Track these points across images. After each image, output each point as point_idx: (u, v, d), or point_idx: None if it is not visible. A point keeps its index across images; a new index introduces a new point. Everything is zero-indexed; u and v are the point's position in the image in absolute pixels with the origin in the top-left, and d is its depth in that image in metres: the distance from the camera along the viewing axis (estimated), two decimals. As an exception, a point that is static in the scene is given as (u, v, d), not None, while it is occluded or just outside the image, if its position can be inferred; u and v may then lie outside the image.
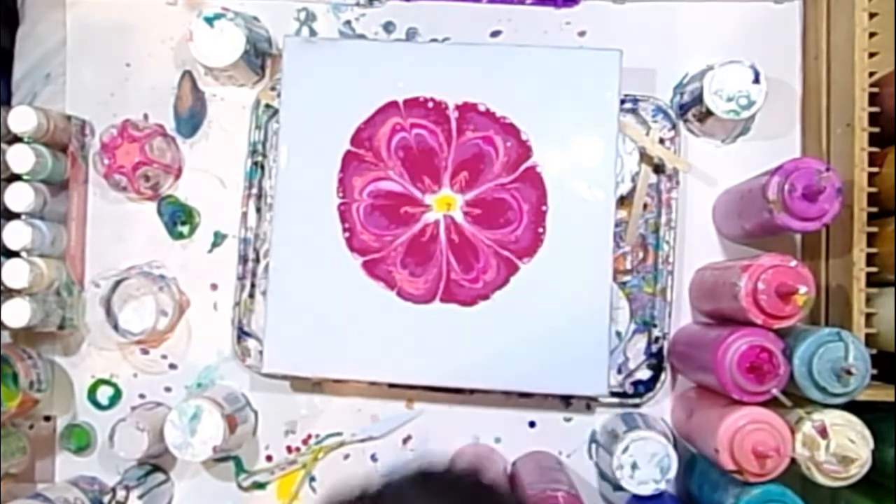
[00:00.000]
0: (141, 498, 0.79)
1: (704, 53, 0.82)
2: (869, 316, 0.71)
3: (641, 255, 0.82)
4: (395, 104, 0.77)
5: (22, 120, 0.78)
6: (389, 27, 0.85)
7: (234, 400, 0.81)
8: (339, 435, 0.84)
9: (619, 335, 0.81)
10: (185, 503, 0.84)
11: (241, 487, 0.84)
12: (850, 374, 0.65)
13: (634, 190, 0.81)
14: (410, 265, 0.76)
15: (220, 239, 0.85)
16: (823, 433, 0.67)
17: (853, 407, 0.68)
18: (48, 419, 0.85)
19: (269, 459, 0.84)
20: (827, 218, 0.69)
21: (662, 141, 0.81)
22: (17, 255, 0.78)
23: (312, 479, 0.84)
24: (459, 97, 0.76)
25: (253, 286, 0.83)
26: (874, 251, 0.72)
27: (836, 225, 0.73)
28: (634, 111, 0.82)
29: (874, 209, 0.72)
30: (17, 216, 0.78)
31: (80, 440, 0.84)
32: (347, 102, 0.77)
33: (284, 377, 0.83)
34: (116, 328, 0.81)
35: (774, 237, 0.79)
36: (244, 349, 0.83)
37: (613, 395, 0.80)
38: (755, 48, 0.81)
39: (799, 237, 0.81)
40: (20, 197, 0.78)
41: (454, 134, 0.76)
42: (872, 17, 0.72)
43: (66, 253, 0.83)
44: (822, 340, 0.67)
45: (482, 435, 0.83)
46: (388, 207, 0.76)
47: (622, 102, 0.77)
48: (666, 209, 0.81)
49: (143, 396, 0.85)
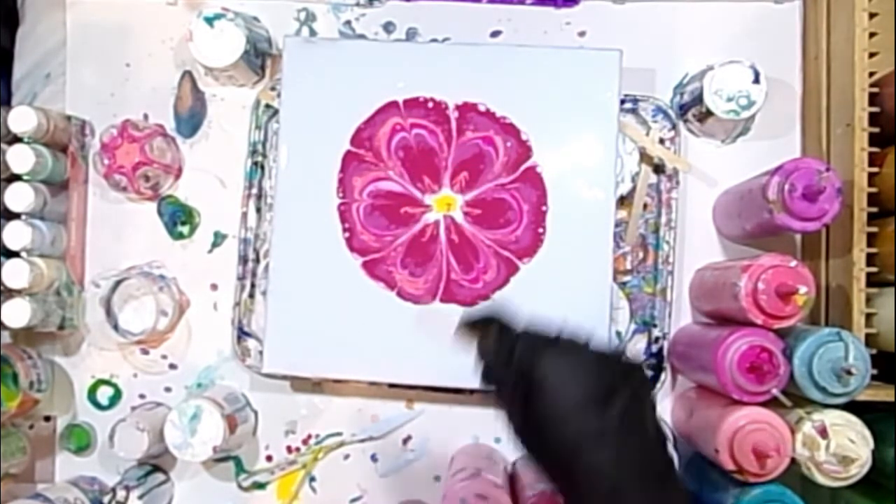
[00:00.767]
0: (141, 498, 0.79)
1: (704, 53, 0.82)
2: (869, 316, 0.71)
3: (641, 255, 0.82)
4: (395, 104, 0.77)
5: (22, 120, 0.78)
6: (389, 27, 0.86)
7: (234, 400, 0.81)
8: (339, 435, 0.84)
9: (619, 335, 0.81)
10: (185, 503, 0.84)
11: (241, 487, 0.84)
12: (850, 374, 0.65)
13: (634, 190, 0.81)
14: (410, 265, 0.76)
15: (220, 239, 0.85)
16: (823, 433, 0.67)
17: (853, 407, 0.68)
18: (48, 419, 0.85)
19: (269, 459, 0.84)
20: (827, 218, 0.69)
21: (662, 141, 0.81)
22: (17, 255, 0.78)
23: (312, 479, 0.84)
24: (459, 97, 0.76)
25: (253, 286, 0.83)
26: (874, 251, 0.72)
27: (836, 225, 0.73)
28: (634, 111, 0.82)
29: (874, 209, 0.72)
30: (17, 216, 0.78)
31: (80, 440, 0.84)
32: (347, 102, 0.77)
33: (284, 377, 0.83)
34: (116, 328, 0.81)
35: (774, 237, 0.79)
36: (244, 349, 0.83)
37: (613, 395, 0.80)
38: (755, 48, 0.81)
39: (799, 237, 0.81)
40: (20, 197, 0.78)
41: (454, 134, 0.76)
42: (872, 17, 0.72)
43: (66, 253, 0.83)
44: (822, 340, 0.67)
45: (482, 435, 0.83)
46: (388, 207, 0.77)
47: (622, 102, 0.77)
48: (666, 209, 0.81)
49: (143, 396, 0.85)
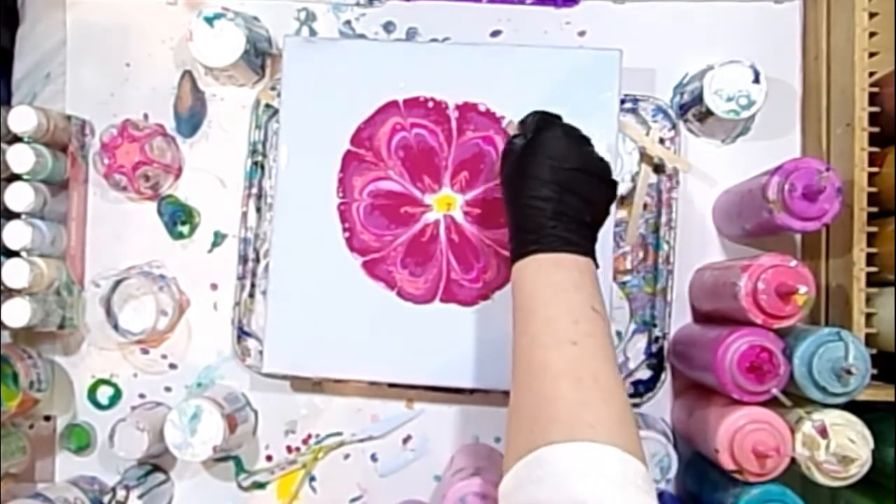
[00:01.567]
0: (141, 498, 0.79)
1: (704, 53, 0.82)
2: (869, 316, 0.71)
3: (641, 255, 0.82)
4: (395, 104, 0.77)
5: (22, 120, 0.78)
6: (389, 27, 0.86)
7: (234, 400, 0.81)
8: (339, 435, 0.84)
9: (619, 335, 0.81)
10: (185, 503, 0.84)
11: (241, 487, 0.84)
12: (850, 374, 0.65)
13: (634, 190, 0.81)
14: (410, 265, 0.76)
15: (220, 239, 0.85)
16: (823, 433, 0.67)
17: (853, 407, 0.68)
18: (48, 419, 0.85)
19: (269, 459, 0.84)
20: (827, 218, 0.69)
21: (662, 141, 0.81)
22: (17, 255, 0.78)
23: (312, 478, 0.84)
24: (459, 97, 0.76)
25: (253, 286, 0.83)
26: (874, 251, 0.72)
27: (836, 225, 0.73)
28: (634, 111, 0.82)
29: (874, 209, 0.72)
30: (17, 216, 0.78)
31: (80, 440, 0.84)
32: (347, 102, 0.77)
33: (284, 377, 0.83)
34: (116, 328, 0.81)
35: (774, 237, 0.79)
36: (244, 349, 0.83)
37: (613, 395, 0.80)
38: (755, 48, 0.81)
39: (799, 237, 0.81)
40: (20, 197, 0.78)
41: (454, 134, 0.76)
42: (872, 17, 0.72)
43: (66, 253, 0.83)
44: (822, 340, 0.67)
45: (482, 435, 0.83)
46: (388, 207, 0.77)
47: (622, 102, 0.77)
48: (666, 209, 0.81)
49: (143, 396, 0.85)
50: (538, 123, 0.65)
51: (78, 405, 0.85)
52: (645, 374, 0.81)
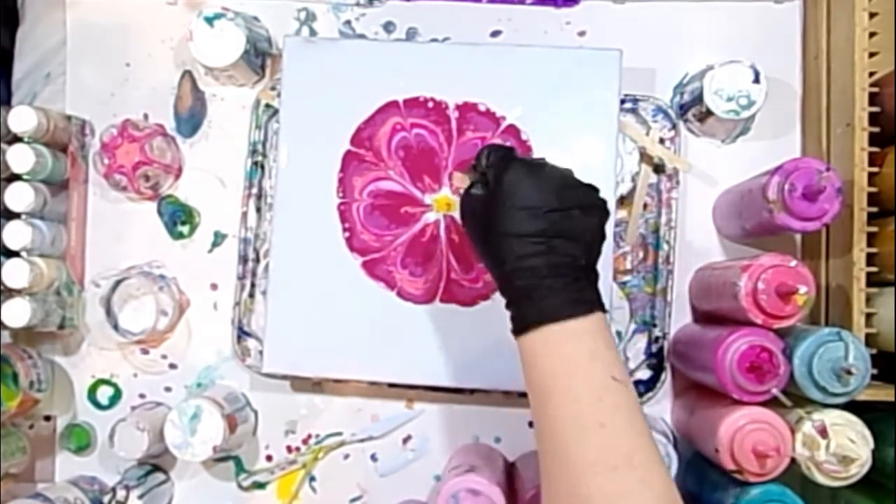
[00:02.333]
0: (141, 498, 0.79)
1: (704, 53, 0.82)
2: (869, 316, 0.71)
3: (641, 255, 0.82)
4: (395, 104, 0.77)
5: (22, 120, 0.78)
6: (389, 27, 0.86)
7: (234, 400, 0.81)
8: (339, 435, 0.84)
9: (619, 335, 0.81)
10: (185, 503, 0.84)
11: (241, 487, 0.84)
12: (850, 374, 0.65)
13: (634, 190, 0.81)
14: (410, 265, 0.76)
15: (220, 239, 0.85)
16: (823, 433, 0.67)
17: (853, 407, 0.68)
18: (48, 419, 0.85)
19: (269, 459, 0.84)
20: (827, 218, 0.69)
21: (662, 141, 0.81)
22: (17, 255, 0.78)
23: (312, 479, 0.84)
24: (459, 97, 0.76)
25: (253, 286, 0.83)
26: (874, 251, 0.72)
27: (836, 225, 0.73)
28: (634, 111, 0.82)
29: (874, 209, 0.72)
30: (17, 216, 0.78)
31: (80, 440, 0.84)
32: (347, 102, 0.77)
33: (284, 377, 0.83)
34: (116, 328, 0.81)
35: (774, 237, 0.79)
36: (244, 349, 0.83)
37: (613, 395, 0.80)
38: (755, 48, 0.81)
39: (799, 237, 0.81)
40: (20, 197, 0.78)
41: (454, 134, 0.76)
42: (872, 17, 0.72)
43: (66, 253, 0.83)
44: (822, 340, 0.67)
45: (482, 435, 0.83)
46: (388, 207, 0.77)
47: (622, 102, 0.77)
48: (666, 209, 0.81)
49: (143, 396, 0.85)
50: (495, 166, 0.58)
51: (78, 405, 0.85)
52: (645, 374, 0.81)
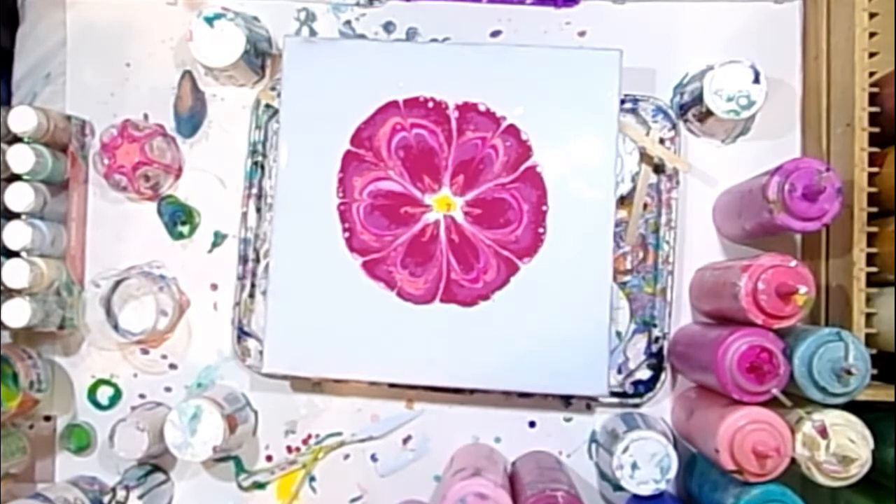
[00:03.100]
0: (141, 498, 0.79)
1: (704, 53, 0.82)
2: (869, 316, 0.71)
3: (641, 255, 0.82)
4: (395, 104, 0.77)
5: (22, 120, 0.78)
6: (389, 27, 0.86)
7: (234, 400, 0.81)
8: (339, 435, 0.84)
9: (619, 335, 0.81)
10: (185, 503, 0.84)
11: (241, 487, 0.84)
12: (850, 374, 0.65)
13: (634, 190, 0.81)
14: (410, 265, 0.76)
15: (220, 239, 0.85)
16: (823, 433, 0.67)
17: (853, 407, 0.68)
18: (48, 419, 0.85)
19: (269, 459, 0.84)
20: (827, 218, 0.69)
21: (662, 141, 0.81)
22: (17, 255, 0.78)
23: (312, 479, 0.84)
24: (459, 97, 0.76)
25: (253, 286, 0.83)
26: (874, 251, 0.72)
27: (836, 225, 0.73)
28: (634, 111, 0.82)
29: (874, 209, 0.72)
30: (17, 216, 0.78)
31: (80, 440, 0.84)
32: (347, 102, 0.77)
33: (284, 377, 0.83)
34: (116, 328, 0.81)
35: (774, 237, 0.79)
36: (244, 349, 0.83)
37: (613, 395, 0.80)
38: (755, 48, 0.81)
39: (799, 237, 0.81)
40: (20, 197, 0.78)
41: (454, 134, 0.76)
42: (872, 17, 0.72)
43: (66, 253, 0.83)
44: (822, 340, 0.67)
45: (482, 435, 0.83)
46: (388, 207, 0.77)
47: (622, 102, 0.77)
48: (666, 209, 0.81)
49: (143, 396, 0.85)
50: None
51: (78, 405, 0.85)
52: (645, 374, 0.81)
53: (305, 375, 0.79)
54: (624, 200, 0.81)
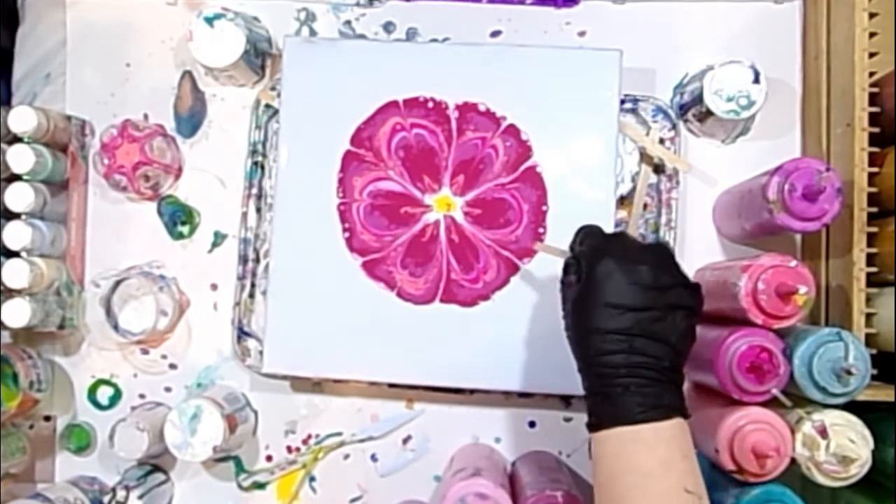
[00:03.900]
0: (141, 498, 0.79)
1: (704, 53, 0.82)
2: (869, 316, 0.71)
3: (641, 255, 0.82)
4: (395, 104, 0.77)
5: (22, 120, 0.78)
6: (389, 27, 0.86)
7: (234, 400, 0.81)
8: (339, 435, 0.84)
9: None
10: (185, 503, 0.84)
11: (241, 487, 0.84)
12: (850, 374, 0.65)
13: (634, 190, 0.81)
14: (410, 265, 0.76)
15: (220, 239, 0.85)
16: (823, 433, 0.67)
17: (853, 407, 0.68)
18: (48, 419, 0.85)
19: (269, 459, 0.84)
20: (827, 218, 0.69)
21: (662, 141, 0.81)
22: (17, 255, 0.78)
23: (312, 479, 0.84)
24: (459, 97, 0.76)
25: (253, 286, 0.83)
26: (874, 251, 0.72)
27: (836, 225, 0.73)
28: (634, 111, 0.82)
29: (874, 209, 0.72)
30: (17, 216, 0.78)
31: (80, 440, 0.84)
32: (347, 102, 0.77)
33: (284, 377, 0.83)
34: (116, 328, 0.81)
35: (774, 237, 0.79)
36: (244, 349, 0.83)
37: (613, 395, 0.80)
38: (755, 48, 0.81)
39: (799, 237, 0.81)
40: (20, 197, 0.78)
41: (454, 134, 0.76)
42: (872, 17, 0.72)
43: (66, 253, 0.83)
44: (822, 340, 0.67)
45: (482, 435, 0.83)
46: (388, 207, 0.77)
47: (622, 102, 0.77)
48: (666, 209, 0.81)
49: (143, 396, 0.85)
50: (587, 256, 0.57)
51: (78, 405, 0.85)
52: (645, 374, 0.81)
53: (305, 375, 0.79)
54: (624, 200, 0.81)
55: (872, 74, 0.73)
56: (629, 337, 0.53)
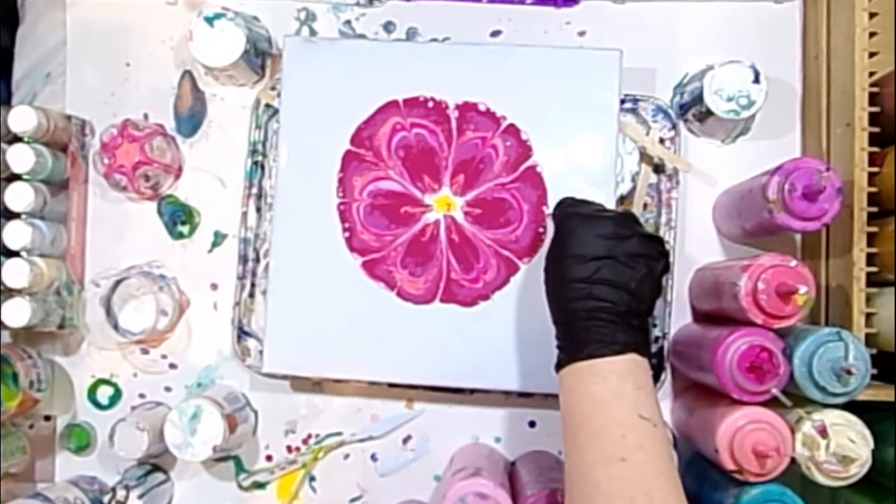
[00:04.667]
0: (141, 498, 0.79)
1: (704, 53, 0.82)
2: (869, 316, 0.71)
3: (641, 255, 0.82)
4: (395, 104, 0.77)
5: (22, 120, 0.78)
6: (389, 27, 0.86)
7: (234, 400, 0.81)
8: (339, 435, 0.84)
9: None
10: (185, 503, 0.84)
11: (241, 487, 0.84)
12: (850, 374, 0.65)
13: (634, 190, 0.81)
14: (410, 265, 0.76)
15: (220, 239, 0.85)
16: (823, 433, 0.67)
17: (853, 407, 0.68)
18: (48, 419, 0.85)
19: (269, 459, 0.84)
20: (827, 218, 0.69)
21: (662, 141, 0.81)
22: (17, 255, 0.78)
23: (312, 478, 0.84)
24: (459, 97, 0.76)
25: (253, 286, 0.83)
26: (874, 251, 0.72)
27: (836, 225, 0.73)
28: (634, 111, 0.82)
29: (874, 209, 0.72)
30: (17, 216, 0.78)
31: (80, 440, 0.84)
32: (347, 102, 0.77)
33: (284, 377, 0.83)
34: (116, 328, 0.81)
35: (774, 237, 0.79)
36: (244, 349, 0.83)
37: (613, 394, 0.80)
38: (755, 48, 0.81)
39: (799, 237, 0.81)
40: (20, 197, 0.78)
41: (454, 133, 0.76)
42: (872, 17, 0.72)
43: (66, 253, 0.83)
44: (822, 340, 0.67)
45: (482, 435, 0.83)
46: (388, 207, 0.77)
47: (622, 102, 0.77)
48: (666, 209, 0.81)
49: (143, 396, 0.85)
50: (557, 217, 0.64)
51: (78, 405, 0.85)
52: (645, 374, 0.81)
53: (305, 375, 0.79)
54: (624, 200, 0.81)
55: (872, 74, 0.73)
56: (588, 284, 0.59)
